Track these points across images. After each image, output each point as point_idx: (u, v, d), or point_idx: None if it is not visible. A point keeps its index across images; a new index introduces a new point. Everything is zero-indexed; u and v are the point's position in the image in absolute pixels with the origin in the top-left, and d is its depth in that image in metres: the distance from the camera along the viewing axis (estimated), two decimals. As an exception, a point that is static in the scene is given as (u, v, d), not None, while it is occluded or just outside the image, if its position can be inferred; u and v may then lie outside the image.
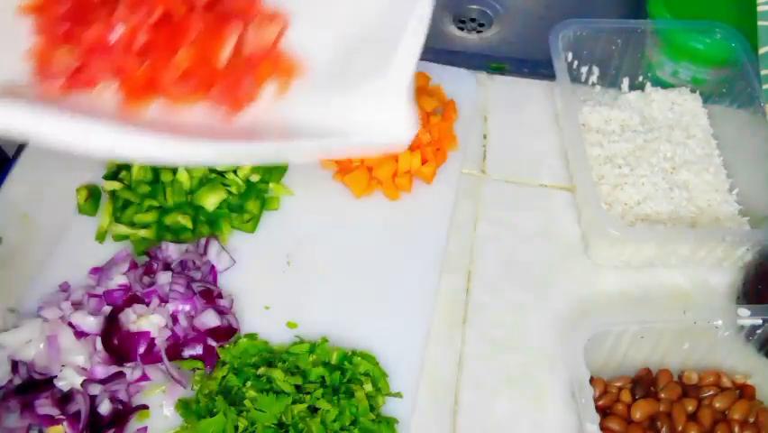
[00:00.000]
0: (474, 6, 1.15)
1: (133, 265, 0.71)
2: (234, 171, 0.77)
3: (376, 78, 0.62)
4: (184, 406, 0.64)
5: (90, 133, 0.54)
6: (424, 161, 0.80)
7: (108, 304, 0.68)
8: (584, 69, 0.90)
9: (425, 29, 0.63)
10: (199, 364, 0.67)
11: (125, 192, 0.76)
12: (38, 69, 0.61)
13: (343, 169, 0.81)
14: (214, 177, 0.76)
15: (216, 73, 0.64)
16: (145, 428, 0.64)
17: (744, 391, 0.68)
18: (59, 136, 0.54)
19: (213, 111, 0.63)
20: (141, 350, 0.66)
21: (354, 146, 0.63)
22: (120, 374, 0.65)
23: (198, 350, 0.67)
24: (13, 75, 0.60)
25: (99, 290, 0.69)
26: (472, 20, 1.14)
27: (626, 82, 0.91)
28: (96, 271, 0.72)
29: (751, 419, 0.66)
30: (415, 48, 0.62)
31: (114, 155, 0.58)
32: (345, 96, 0.63)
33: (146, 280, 0.70)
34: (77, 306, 0.68)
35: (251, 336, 0.69)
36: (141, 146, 0.55)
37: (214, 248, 0.74)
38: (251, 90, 0.64)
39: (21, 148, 0.83)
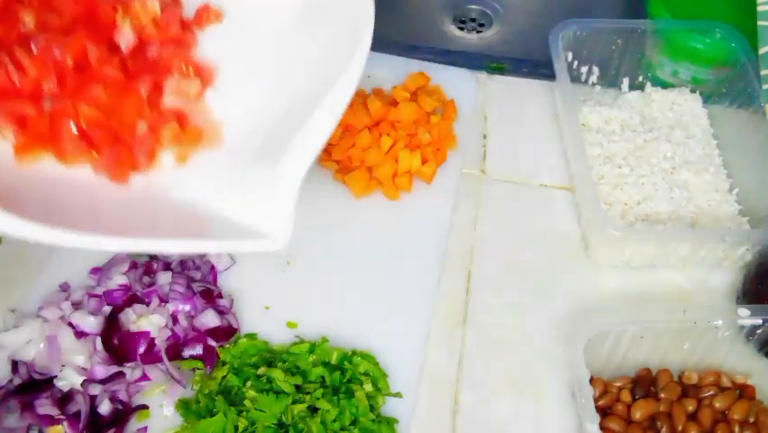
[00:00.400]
0: (474, 6, 1.15)
1: (133, 265, 0.71)
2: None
3: (269, 169, 0.56)
4: (184, 406, 0.64)
5: None
6: (424, 161, 0.80)
7: (108, 304, 0.68)
8: (584, 69, 0.90)
9: (336, 119, 0.56)
10: (199, 364, 0.67)
11: (125, 192, 0.75)
12: None
13: (343, 169, 0.81)
14: (214, 177, 0.76)
15: (120, 131, 0.59)
16: (145, 428, 0.64)
17: (744, 391, 0.68)
18: None
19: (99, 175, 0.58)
20: (141, 350, 0.66)
21: (226, 246, 0.57)
22: (120, 374, 0.65)
23: (198, 350, 0.67)
24: None
25: (99, 290, 0.69)
26: (472, 20, 1.14)
27: (626, 82, 0.91)
28: (96, 271, 0.72)
29: (751, 419, 0.66)
30: (318, 140, 0.56)
31: None
32: (245, 177, 0.58)
33: (146, 280, 0.70)
34: (77, 306, 0.68)
35: (251, 336, 0.69)
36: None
37: (214, 248, 0.74)
38: (143, 158, 0.59)
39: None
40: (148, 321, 0.66)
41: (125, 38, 0.61)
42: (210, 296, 0.70)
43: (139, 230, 0.53)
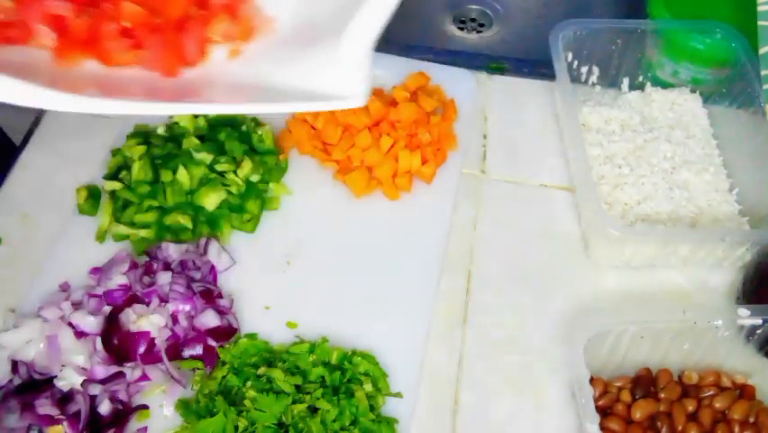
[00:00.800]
0: (474, 6, 1.15)
1: (133, 265, 0.71)
2: (234, 171, 0.77)
3: (336, 39, 0.57)
4: (184, 406, 0.64)
5: (19, 88, 0.49)
6: (424, 161, 0.80)
7: (108, 304, 0.68)
8: (584, 69, 0.90)
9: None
10: (199, 364, 0.67)
11: (125, 192, 0.76)
12: None
13: (343, 169, 0.81)
14: (214, 177, 0.76)
15: (164, 28, 0.58)
16: (145, 428, 0.64)
17: (744, 391, 0.68)
18: None
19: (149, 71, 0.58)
20: (141, 350, 0.66)
21: (305, 107, 0.59)
22: (120, 374, 0.65)
23: (198, 350, 0.67)
24: None
25: (99, 290, 0.69)
26: (472, 20, 1.14)
27: (626, 82, 0.91)
28: (95, 271, 0.72)
29: (751, 419, 0.66)
30: (380, 13, 0.57)
31: (48, 107, 0.51)
32: (303, 58, 0.59)
33: (146, 280, 0.70)
34: (77, 306, 0.68)
35: (251, 336, 0.69)
36: (71, 102, 0.50)
37: (214, 248, 0.74)
38: (193, 52, 0.59)
39: (22, 148, 0.83)
40: (148, 321, 0.66)
41: None
42: (210, 296, 0.70)
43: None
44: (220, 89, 0.59)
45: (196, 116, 0.81)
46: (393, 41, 0.94)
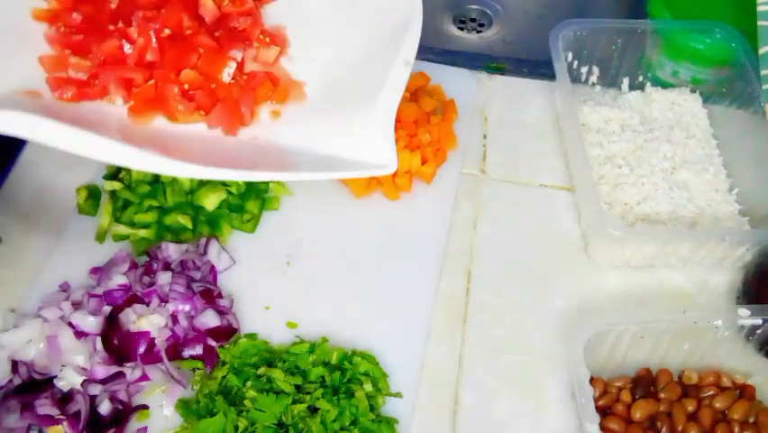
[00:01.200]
0: (474, 6, 1.15)
1: (133, 265, 0.71)
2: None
3: (364, 110, 0.65)
4: (184, 406, 0.64)
5: (92, 144, 0.55)
6: (424, 161, 0.80)
7: (108, 304, 0.68)
8: (584, 69, 0.90)
9: (409, 69, 0.68)
10: (199, 364, 0.67)
11: (125, 192, 0.76)
12: (48, 77, 0.62)
13: (343, 169, 0.81)
14: (215, 177, 0.77)
15: (217, 91, 0.66)
16: (145, 428, 0.64)
17: (744, 391, 0.68)
18: (62, 144, 0.55)
19: (211, 130, 0.66)
20: (141, 350, 0.66)
21: (344, 173, 0.66)
22: (120, 374, 0.65)
23: (198, 350, 0.67)
24: (26, 80, 0.61)
25: (99, 290, 0.69)
26: (472, 20, 1.14)
27: (626, 82, 0.91)
28: (95, 271, 0.72)
29: (751, 419, 0.66)
30: (399, 88, 0.66)
31: (112, 162, 0.60)
32: (336, 123, 0.65)
33: (146, 280, 0.70)
34: (77, 306, 0.68)
35: (251, 336, 0.69)
36: (136, 160, 0.56)
37: (214, 248, 0.74)
38: (248, 114, 0.67)
39: (22, 148, 0.83)
40: (148, 321, 0.66)
41: (208, 11, 0.68)
42: (210, 296, 0.70)
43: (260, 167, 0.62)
44: (271, 151, 0.66)
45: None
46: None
